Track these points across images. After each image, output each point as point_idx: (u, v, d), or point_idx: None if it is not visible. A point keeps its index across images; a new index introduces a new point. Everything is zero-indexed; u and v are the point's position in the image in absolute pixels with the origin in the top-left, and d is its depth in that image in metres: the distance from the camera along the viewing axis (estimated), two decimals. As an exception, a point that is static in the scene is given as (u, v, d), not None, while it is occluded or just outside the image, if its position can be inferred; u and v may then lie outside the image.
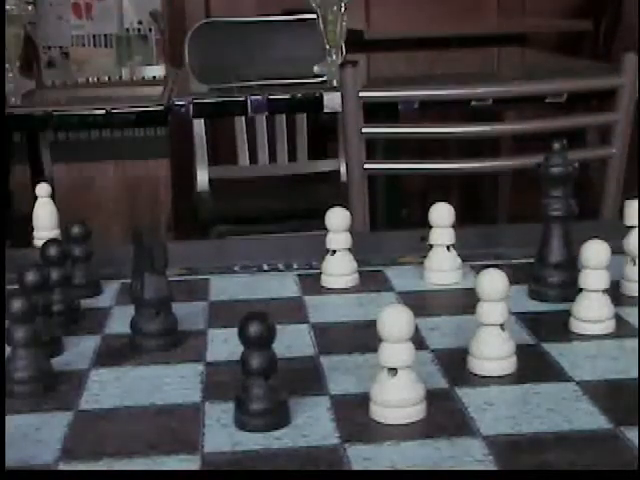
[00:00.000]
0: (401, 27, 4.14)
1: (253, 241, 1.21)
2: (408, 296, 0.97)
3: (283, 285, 1.02)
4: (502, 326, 0.78)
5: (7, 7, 2.37)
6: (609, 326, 0.85)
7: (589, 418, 0.70)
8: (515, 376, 0.77)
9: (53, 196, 1.13)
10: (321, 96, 2.12)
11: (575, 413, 0.70)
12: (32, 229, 1.13)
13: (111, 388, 0.78)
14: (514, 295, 0.85)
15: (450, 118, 2.52)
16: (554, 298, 0.93)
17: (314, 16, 2.39)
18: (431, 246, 1.01)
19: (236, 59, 2.80)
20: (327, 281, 1.00)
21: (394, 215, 3.05)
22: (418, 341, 0.79)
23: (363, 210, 1.69)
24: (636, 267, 0.88)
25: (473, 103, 2.00)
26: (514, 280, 0.82)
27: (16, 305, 0.76)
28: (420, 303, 0.95)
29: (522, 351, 0.79)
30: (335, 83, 2.21)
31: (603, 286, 0.84)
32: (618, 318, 0.86)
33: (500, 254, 1.08)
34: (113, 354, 0.85)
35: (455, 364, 0.79)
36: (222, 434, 0.69)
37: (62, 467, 0.66)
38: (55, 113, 2.12)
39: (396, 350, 0.69)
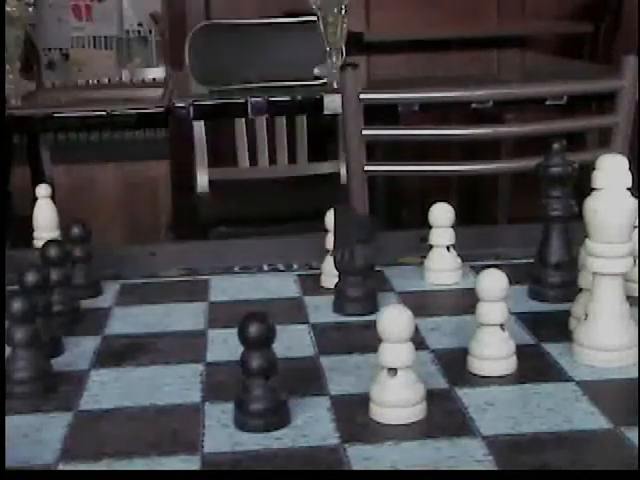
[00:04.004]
0: (401, 29, 4.14)
1: (253, 242, 1.21)
2: (408, 296, 0.97)
3: (283, 285, 1.02)
4: (502, 326, 0.78)
5: (8, 9, 2.37)
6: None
7: (589, 418, 0.70)
8: (515, 376, 0.77)
9: (53, 197, 1.13)
10: (321, 98, 2.12)
11: (575, 413, 0.70)
12: (32, 230, 1.13)
13: (111, 388, 0.78)
14: (514, 295, 0.85)
15: (450, 120, 2.52)
16: (554, 298, 0.93)
17: (314, 18, 2.40)
18: (431, 246, 1.01)
19: (236, 61, 2.80)
20: (327, 281, 1.00)
21: (394, 215, 3.05)
22: (418, 341, 0.79)
23: (363, 212, 1.69)
24: (636, 267, 0.88)
25: (473, 105, 2.00)
26: (514, 280, 0.82)
27: (16, 305, 0.76)
28: (420, 303, 0.95)
29: (522, 351, 0.79)
30: (335, 85, 2.21)
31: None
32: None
33: (500, 254, 1.09)
34: (113, 354, 0.85)
35: (455, 364, 0.79)
36: (222, 434, 0.69)
37: (62, 467, 0.66)
38: (55, 115, 2.12)
39: (396, 350, 0.69)
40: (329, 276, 1.00)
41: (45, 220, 1.12)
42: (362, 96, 1.63)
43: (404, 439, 0.67)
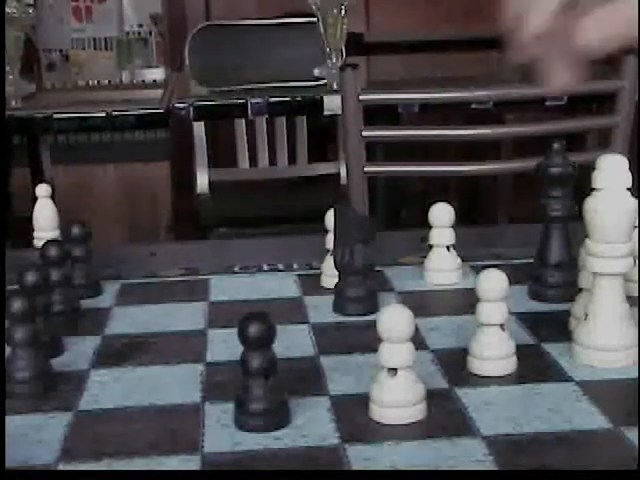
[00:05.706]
0: (401, 30, 4.14)
1: (253, 241, 1.21)
2: (408, 296, 0.97)
3: (283, 285, 1.02)
4: (502, 326, 0.78)
5: (8, 10, 2.37)
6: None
7: (589, 418, 0.70)
8: (515, 376, 0.77)
9: (53, 198, 1.13)
10: (321, 99, 2.12)
11: (575, 413, 0.70)
12: (32, 230, 1.13)
13: (111, 388, 0.78)
14: (514, 295, 0.85)
15: (450, 121, 2.52)
16: (554, 298, 0.93)
17: (314, 19, 2.40)
18: (431, 246, 1.01)
19: (236, 62, 2.80)
20: (327, 281, 1.00)
21: (394, 215, 3.05)
22: (418, 341, 0.79)
23: (363, 212, 1.68)
24: (636, 267, 0.88)
25: (473, 106, 2.00)
26: (514, 280, 0.82)
27: (16, 305, 0.76)
28: (420, 303, 0.95)
29: (522, 351, 0.79)
30: (335, 86, 2.21)
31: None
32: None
33: (500, 254, 1.09)
34: (113, 354, 0.85)
35: (455, 364, 0.79)
36: (222, 434, 0.69)
37: (62, 467, 0.66)
38: (55, 116, 2.12)
39: (396, 350, 0.69)
40: (329, 276, 1.00)
41: (45, 220, 1.12)
42: (362, 97, 1.63)
43: (404, 439, 0.67)
